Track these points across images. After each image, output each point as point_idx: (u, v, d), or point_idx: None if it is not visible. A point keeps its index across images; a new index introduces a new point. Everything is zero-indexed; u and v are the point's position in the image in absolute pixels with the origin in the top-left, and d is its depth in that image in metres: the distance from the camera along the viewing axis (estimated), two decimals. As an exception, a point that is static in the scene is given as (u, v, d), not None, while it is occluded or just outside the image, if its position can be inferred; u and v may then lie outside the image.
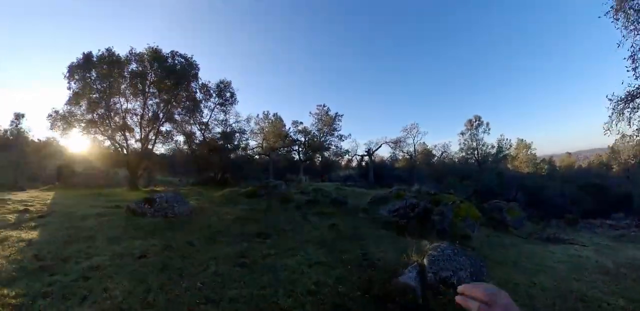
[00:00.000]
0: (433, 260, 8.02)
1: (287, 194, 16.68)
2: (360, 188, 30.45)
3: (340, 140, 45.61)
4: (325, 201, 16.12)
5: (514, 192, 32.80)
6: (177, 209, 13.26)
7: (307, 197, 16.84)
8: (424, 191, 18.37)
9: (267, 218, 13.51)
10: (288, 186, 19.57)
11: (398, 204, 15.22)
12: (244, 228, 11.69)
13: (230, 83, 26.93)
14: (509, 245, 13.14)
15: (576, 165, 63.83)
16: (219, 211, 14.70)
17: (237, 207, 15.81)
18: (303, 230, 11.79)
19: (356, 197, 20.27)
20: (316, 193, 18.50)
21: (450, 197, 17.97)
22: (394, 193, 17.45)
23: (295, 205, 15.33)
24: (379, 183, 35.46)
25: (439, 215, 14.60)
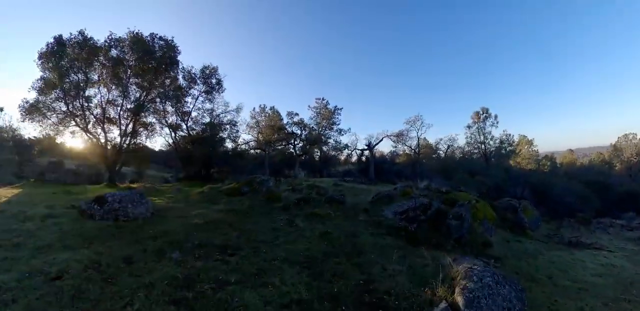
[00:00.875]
0: (471, 298, 5.04)
1: (274, 192, 13.72)
2: (360, 185, 27.44)
3: (339, 134, 42.56)
4: (320, 200, 13.17)
5: (521, 189, 29.73)
6: (132, 211, 10.40)
7: (299, 195, 13.89)
8: (434, 188, 15.40)
9: (243, 223, 10.62)
10: (278, 182, 16.60)
11: (406, 204, 12.26)
12: (209, 237, 8.81)
13: (216, 69, 23.85)
14: (533, 253, 11.45)
15: (577, 163, 61.14)
16: (188, 212, 11.84)
17: (213, 207, 12.91)
18: (286, 240, 8.85)
19: (355, 194, 17.34)
20: (310, 191, 15.54)
21: (465, 196, 15.04)
22: (400, 190, 14.49)
23: (283, 205, 12.39)
24: (380, 179, 32.48)
25: (456, 218, 11.66)
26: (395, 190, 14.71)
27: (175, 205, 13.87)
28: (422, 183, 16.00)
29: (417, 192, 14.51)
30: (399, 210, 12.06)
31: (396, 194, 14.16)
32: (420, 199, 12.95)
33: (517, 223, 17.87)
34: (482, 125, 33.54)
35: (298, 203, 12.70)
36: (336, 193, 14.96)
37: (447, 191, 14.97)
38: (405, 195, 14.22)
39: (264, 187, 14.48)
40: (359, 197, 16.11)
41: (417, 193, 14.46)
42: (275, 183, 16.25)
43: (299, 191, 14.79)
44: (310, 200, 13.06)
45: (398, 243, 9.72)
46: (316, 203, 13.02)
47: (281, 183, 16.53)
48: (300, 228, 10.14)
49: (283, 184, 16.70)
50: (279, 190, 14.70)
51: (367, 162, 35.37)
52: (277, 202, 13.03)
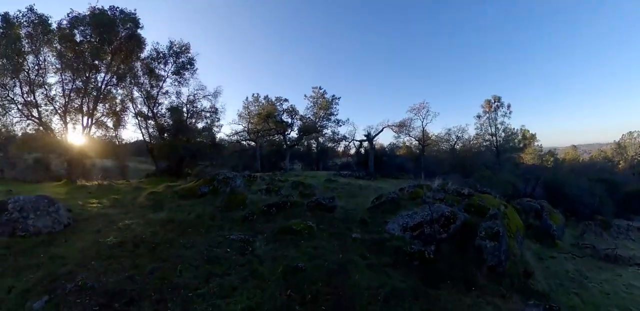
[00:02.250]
0: None
1: (239, 194, 9.77)
2: (357, 180, 23.46)
3: (337, 125, 38.40)
4: (301, 205, 9.27)
5: (531, 187, 25.47)
6: (33, 223, 6.94)
7: (274, 198, 9.95)
8: (452, 189, 11.41)
9: (174, 245, 6.77)
10: (252, 179, 12.63)
11: (419, 214, 8.36)
12: (106, 271, 5.12)
13: (187, 47, 19.50)
14: (577, 278, 9.25)
15: (579, 159, 57.27)
16: (115, 224, 8.04)
17: (152, 215, 9.06)
18: (221, 284, 4.98)
19: (351, 194, 13.41)
20: (292, 191, 11.64)
21: (492, 200, 11.12)
22: (409, 191, 10.56)
23: (245, 214, 8.48)
24: (380, 173, 28.52)
25: (490, 237, 7.77)
26: (402, 191, 10.73)
27: (110, 211, 10.06)
28: (434, 181, 12.00)
29: (429, 195, 10.54)
30: (409, 223, 8.11)
31: (403, 197, 10.20)
32: (437, 206, 9.00)
33: (544, 231, 14.15)
34: (494, 116, 29.24)
35: (268, 211, 8.76)
36: (325, 195, 11.00)
37: (470, 193, 10.98)
38: (414, 198, 10.27)
39: (228, 187, 10.52)
40: (355, 199, 12.18)
41: (429, 195, 10.50)
42: (246, 181, 12.29)
43: (276, 192, 10.83)
44: (286, 206, 9.12)
45: (411, 284, 5.82)
46: (295, 210, 9.08)
47: (256, 181, 12.57)
48: (257, 256, 6.23)
49: (259, 182, 12.72)
50: (248, 192, 10.74)
51: (366, 154, 31.32)
52: (239, 208, 9.10)
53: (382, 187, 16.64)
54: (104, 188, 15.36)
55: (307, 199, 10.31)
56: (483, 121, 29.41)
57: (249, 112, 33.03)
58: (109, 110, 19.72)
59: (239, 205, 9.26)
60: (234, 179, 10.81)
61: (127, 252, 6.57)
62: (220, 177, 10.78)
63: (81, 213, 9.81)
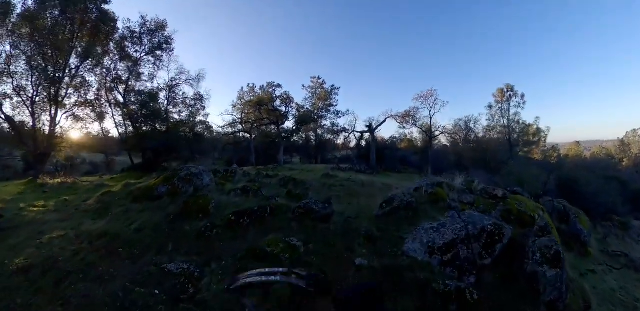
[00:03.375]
0: None
1: (202, 197, 7.15)
2: (359, 174, 20.83)
3: (336, 116, 35.62)
4: (285, 211, 6.66)
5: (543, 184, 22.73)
6: None
7: (250, 202, 7.34)
8: (480, 189, 8.80)
9: (89, 274, 4.15)
10: (229, 175, 9.99)
11: (449, 227, 5.77)
12: None
13: (164, 25, 16.49)
14: (624, 296, 7.39)
15: (582, 156, 54.92)
16: (39, 235, 5.71)
17: (90, 224, 6.48)
18: None
19: (353, 192, 10.88)
20: (278, 190, 9.02)
21: (528, 203, 8.56)
22: (427, 192, 7.95)
23: (205, 226, 5.91)
24: (382, 167, 25.91)
25: (549, 262, 5.12)
26: (419, 192, 8.09)
27: (48, 217, 7.74)
28: (455, 178, 9.35)
29: (454, 197, 7.93)
30: (437, 242, 5.55)
31: (421, 200, 7.56)
32: (469, 214, 6.41)
33: (574, 237, 11.77)
34: (506, 106, 26.31)
35: (237, 222, 6.18)
36: (320, 195, 8.41)
37: (504, 195, 8.36)
38: (436, 201, 7.67)
39: (191, 187, 7.89)
40: (357, 199, 9.59)
41: (455, 198, 7.88)
42: (221, 178, 9.67)
43: (256, 192, 8.18)
44: (264, 214, 6.53)
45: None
46: (276, 219, 6.50)
47: (234, 178, 9.91)
48: (201, 305, 3.61)
49: (238, 179, 10.06)
50: (219, 192, 8.12)
51: (367, 147, 28.62)
52: (198, 217, 6.49)
53: (387, 183, 14.05)
54: (64, 187, 12.86)
55: (296, 202, 7.70)
56: (495, 111, 26.59)
57: (244, 102, 30.18)
58: (83, 99, 16.96)
59: (199, 213, 6.65)
60: (199, 176, 8.15)
61: (27, 284, 4.45)
62: (182, 173, 8.13)
63: (12, 220, 7.60)
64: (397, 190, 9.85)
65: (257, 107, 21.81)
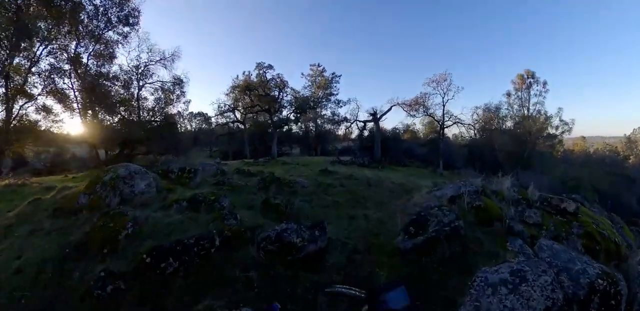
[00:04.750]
0: None
1: (118, 215, 4.28)
2: (362, 169, 17.90)
3: (337, 105, 32.46)
4: (248, 242, 3.78)
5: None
6: None
7: (192, 226, 4.43)
8: (538, 197, 5.90)
9: None
10: (189, 174, 7.10)
11: (533, 283, 2.75)
12: None
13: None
14: None
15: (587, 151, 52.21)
16: None
17: None
18: None
19: (357, 197, 8.08)
20: (254, 196, 6.18)
21: (606, 222, 5.63)
22: (473, 204, 5.04)
23: (98, 275, 2.85)
24: (387, 159, 23.02)
25: None
26: (459, 203, 5.19)
27: None
28: (501, 181, 6.50)
29: (512, 213, 5.07)
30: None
31: (466, 218, 4.66)
32: (555, 250, 3.51)
33: None
34: (526, 95, 22.86)
35: (155, 268, 3.29)
36: (310, 211, 5.59)
37: (576, 211, 5.51)
38: (486, 221, 4.82)
39: (117, 196, 5.09)
40: (363, 211, 6.71)
41: (513, 215, 5.03)
42: (175, 179, 6.83)
43: (211, 204, 5.33)
44: (208, 250, 3.66)
45: None
46: (228, 261, 3.62)
47: (193, 179, 7.01)
48: None
49: (197, 181, 7.15)
50: (158, 204, 5.30)
51: (370, 138, 25.61)
52: (101, 252, 3.66)
53: (399, 181, 11.20)
54: (7, 191, 10.05)
55: (273, 221, 4.91)
56: (513, 100, 23.20)
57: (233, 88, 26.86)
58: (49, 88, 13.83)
59: (104, 246, 3.87)
60: (128, 180, 5.33)
61: None
62: (107, 176, 5.31)
63: None
64: (419, 195, 7.01)
65: (247, 92, 18.74)
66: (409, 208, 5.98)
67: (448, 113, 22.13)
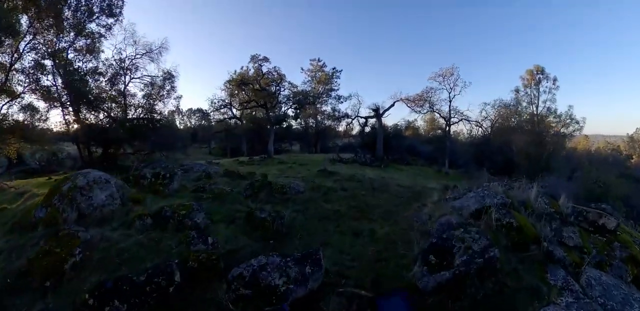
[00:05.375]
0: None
1: (64, 237, 3.32)
2: (364, 168, 16.89)
3: (338, 101, 31.27)
4: (219, 280, 2.86)
5: None
6: None
7: (155, 248, 3.51)
8: (572, 210, 4.90)
9: None
10: (166, 180, 6.11)
11: None
12: None
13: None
14: None
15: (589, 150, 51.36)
16: None
17: None
18: None
19: (359, 205, 7.12)
20: (232, 208, 5.21)
21: None
22: (503, 221, 4.00)
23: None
24: (389, 157, 22.01)
25: None
26: (485, 219, 4.20)
27: None
28: (527, 188, 5.53)
29: (548, 233, 4.08)
30: None
31: (497, 240, 3.67)
32: (606, 285, 2.49)
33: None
34: (533, 92, 21.56)
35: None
36: (304, 224, 4.63)
37: (615, 228, 4.52)
38: (523, 246, 3.81)
39: (74, 210, 4.14)
40: (369, 225, 5.72)
41: (549, 235, 4.04)
42: (148, 184, 5.88)
43: (180, 220, 4.39)
44: (166, 289, 2.67)
45: None
46: (190, 307, 2.59)
47: (170, 183, 6.03)
48: None
49: (175, 187, 6.18)
50: (112, 222, 4.36)
51: (372, 134, 24.57)
52: (42, 286, 2.72)
53: (404, 183, 10.19)
54: None
55: (256, 242, 3.98)
56: (521, 97, 21.93)
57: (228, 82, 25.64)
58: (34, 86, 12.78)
59: (46, 279, 2.92)
60: (89, 191, 4.36)
61: None
62: (65, 185, 4.37)
63: None
64: (431, 203, 6.05)
65: (242, 86, 17.64)
66: (422, 220, 5.03)
67: (454, 110, 20.92)
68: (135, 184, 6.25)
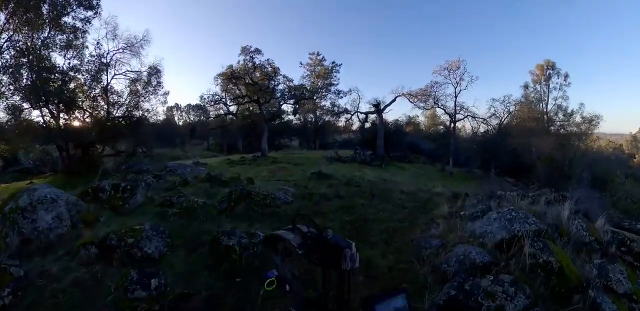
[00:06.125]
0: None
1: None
2: (363, 167, 15.89)
3: (337, 96, 30.11)
4: None
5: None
6: None
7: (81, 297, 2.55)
8: (611, 235, 3.86)
9: None
10: (123, 193, 5.14)
11: None
12: None
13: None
14: None
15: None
16: None
17: None
18: None
19: (354, 220, 6.13)
20: (200, 229, 4.27)
21: None
22: (540, 259, 3.01)
23: None
24: (390, 155, 21.02)
25: None
26: (513, 252, 3.22)
27: None
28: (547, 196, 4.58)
29: (591, 272, 3.10)
30: None
31: (533, 288, 2.70)
32: None
33: None
34: (544, 88, 20.20)
35: None
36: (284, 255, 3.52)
37: None
38: (566, 297, 2.80)
39: (16, 235, 3.28)
40: (371, 250, 4.74)
41: (593, 275, 3.07)
42: (102, 202, 4.93)
43: (127, 251, 3.47)
44: None
45: None
46: None
47: (134, 195, 5.06)
48: None
49: (139, 199, 5.22)
50: (55, 251, 3.43)
51: (373, 131, 23.52)
52: None
53: (408, 189, 9.18)
54: None
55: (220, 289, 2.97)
56: (530, 92, 20.53)
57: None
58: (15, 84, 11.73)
59: None
60: (32, 213, 3.39)
61: None
62: (8, 206, 3.53)
63: None
64: (442, 219, 5.09)
65: (233, 81, 16.48)
66: (432, 246, 4.06)
67: (460, 106, 19.69)
68: (94, 199, 5.31)
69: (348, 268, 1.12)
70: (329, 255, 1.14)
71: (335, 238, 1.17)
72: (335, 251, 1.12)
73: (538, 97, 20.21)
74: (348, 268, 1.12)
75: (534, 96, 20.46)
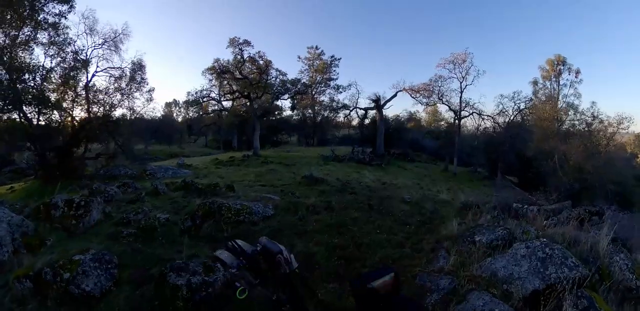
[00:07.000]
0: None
1: None
2: (363, 168, 14.94)
3: (336, 91, 29.12)
4: None
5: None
6: None
7: None
8: None
9: None
10: (78, 207, 4.31)
11: None
12: None
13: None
14: None
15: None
16: None
17: None
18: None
19: (345, 245, 5.42)
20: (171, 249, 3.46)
21: None
22: None
23: None
24: (391, 153, 20.12)
25: None
26: (551, 307, 2.38)
27: None
28: (593, 211, 3.70)
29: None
30: None
31: None
32: None
33: None
34: (554, 85, 18.95)
35: None
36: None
37: None
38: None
39: None
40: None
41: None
42: (54, 220, 4.12)
43: (65, 288, 2.71)
44: None
45: None
46: None
47: (89, 213, 4.24)
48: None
49: (98, 217, 4.42)
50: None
51: (372, 128, 22.55)
52: None
53: (415, 199, 8.27)
54: None
55: None
56: (539, 89, 19.27)
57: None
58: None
59: None
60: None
61: None
62: None
63: None
64: (448, 237, 4.22)
65: (222, 75, 15.41)
66: (440, 290, 3.21)
67: (465, 102, 18.49)
68: (46, 217, 4.50)
69: (288, 272, 1.36)
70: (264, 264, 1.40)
71: (268, 244, 1.45)
72: (268, 259, 1.37)
73: (548, 94, 19.02)
74: (287, 271, 1.36)
75: (543, 93, 19.29)
